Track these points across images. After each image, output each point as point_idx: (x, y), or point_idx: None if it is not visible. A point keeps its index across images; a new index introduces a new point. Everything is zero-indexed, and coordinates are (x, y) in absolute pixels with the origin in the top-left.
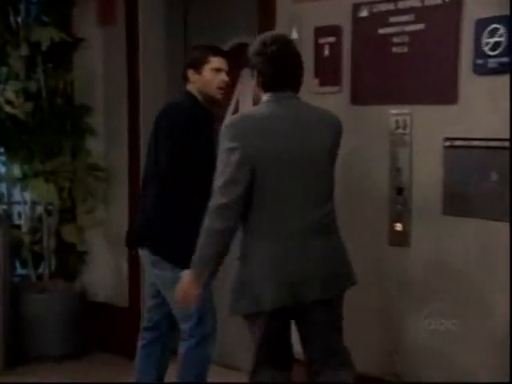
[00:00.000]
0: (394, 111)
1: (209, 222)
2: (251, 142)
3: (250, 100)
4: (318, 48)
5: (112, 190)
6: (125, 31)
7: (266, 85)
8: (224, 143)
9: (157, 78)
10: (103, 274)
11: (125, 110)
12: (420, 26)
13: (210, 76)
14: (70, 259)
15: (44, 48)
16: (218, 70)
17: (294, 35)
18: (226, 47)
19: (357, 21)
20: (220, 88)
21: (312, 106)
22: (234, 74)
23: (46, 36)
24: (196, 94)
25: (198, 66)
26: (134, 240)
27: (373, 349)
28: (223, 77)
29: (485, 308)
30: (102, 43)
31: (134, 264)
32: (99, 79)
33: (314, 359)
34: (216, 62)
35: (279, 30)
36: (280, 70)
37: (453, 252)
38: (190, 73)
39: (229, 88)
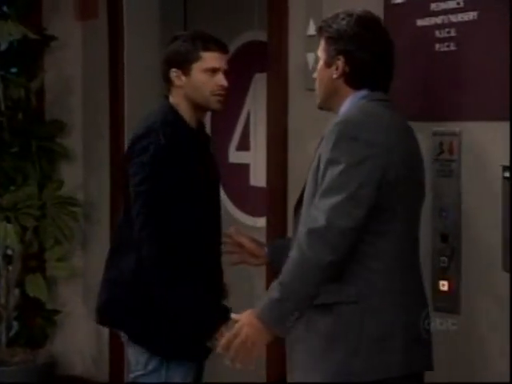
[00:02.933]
0: (437, 129)
1: (316, 251)
2: (386, 151)
3: (264, 111)
4: None
5: (92, 231)
6: (107, 27)
7: (360, 79)
8: (343, 149)
9: (147, 87)
10: (79, 340)
11: (107, 128)
12: (471, 16)
13: (201, 79)
14: (36, 321)
15: (3, 48)
16: (213, 71)
17: (311, 30)
18: (235, 45)
19: (390, 9)
20: (217, 94)
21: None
22: (245, 79)
23: (6, 32)
24: (181, 102)
25: (184, 64)
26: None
27: None
28: (220, 79)
29: None
30: (79, 42)
31: None
32: (76, 88)
33: None
34: (211, 59)
35: (292, 22)
36: (384, 61)
37: None
38: (174, 74)
39: (227, 92)
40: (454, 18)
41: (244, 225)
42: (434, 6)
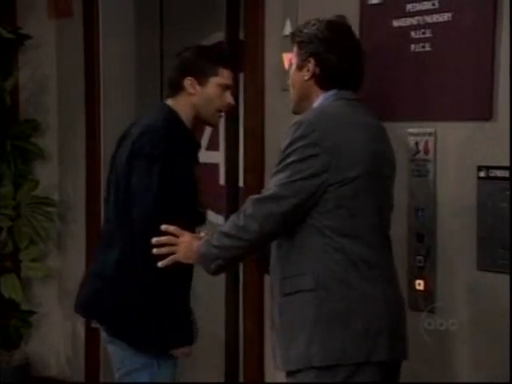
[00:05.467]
0: (412, 130)
1: (248, 221)
2: (337, 152)
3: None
4: None
5: (67, 231)
6: (83, 26)
7: (330, 79)
8: (294, 148)
9: (123, 86)
10: (54, 341)
11: (82, 127)
12: (446, 17)
13: (215, 93)
14: (11, 322)
15: None
16: (225, 88)
17: (288, 29)
18: (207, 44)
19: (366, 9)
20: (221, 111)
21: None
22: None
23: None
24: (185, 109)
25: (202, 75)
26: (85, 310)
27: None
28: (229, 97)
29: None
30: (54, 41)
31: (93, 328)
32: (51, 87)
33: None
34: (226, 76)
35: (269, 22)
36: (352, 62)
37: (494, 321)
38: (189, 82)
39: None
40: (429, 19)
41: (213, 223)
42: (409, 7)
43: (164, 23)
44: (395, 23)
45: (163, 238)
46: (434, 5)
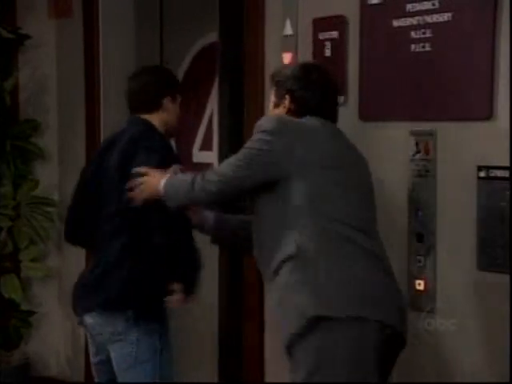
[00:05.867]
0: (412, 129)
1: (207, 184)
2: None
3: None
4: (318, 45)
5: None
6: (82, 26)
7: (304, 112)
8: (253, 138)
9: (122, 86)
10: (54, 341)
11: (82, 127)
12: (446, 17)
13: (178, 109)
14: (11, 322)
15: None
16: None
17: (288, 30)
18: (203, 43)
19: (366, 10)
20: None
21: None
22: (208, 80)
23: None
24: (159, 125)
25: (175, 93)
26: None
27: None
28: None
29: None
30: (54, 41)
31: None
32: (51, 87)
33: None
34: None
35: (269, 22)
36: (326, 97)
37: (494, 321)
38: (168, 100)
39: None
40: (429, 19)
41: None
42: (409, 7)
43: (164, 23)
44: (395, 23)
45: (133, 182)
46: (434, 5)
